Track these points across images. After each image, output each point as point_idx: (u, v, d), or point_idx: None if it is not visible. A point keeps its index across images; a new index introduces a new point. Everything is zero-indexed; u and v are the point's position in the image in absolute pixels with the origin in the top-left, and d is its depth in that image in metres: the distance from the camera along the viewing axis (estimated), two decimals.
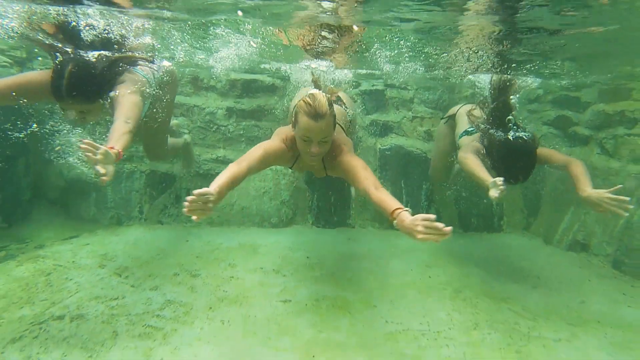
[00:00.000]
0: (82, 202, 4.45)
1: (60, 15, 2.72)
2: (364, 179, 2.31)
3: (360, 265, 3.57)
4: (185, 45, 3.78)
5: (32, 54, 4.30)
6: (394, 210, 2.01)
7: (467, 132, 3.39)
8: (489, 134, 2.99)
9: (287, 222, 4.67)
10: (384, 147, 4.89)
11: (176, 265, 3.37)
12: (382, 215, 4.75)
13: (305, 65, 4.34)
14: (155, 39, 3.40)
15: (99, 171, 1.92)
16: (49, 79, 2.38)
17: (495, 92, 3.11)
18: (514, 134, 2.84)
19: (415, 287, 3.18)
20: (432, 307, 2.87)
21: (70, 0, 2.53)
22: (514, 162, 2.77)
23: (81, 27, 2.82)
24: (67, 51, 2.62)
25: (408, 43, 3.38)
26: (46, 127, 3.37)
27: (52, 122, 3.15)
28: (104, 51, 2.81)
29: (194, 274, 3.22)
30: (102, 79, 2.52)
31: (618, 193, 2.48)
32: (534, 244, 4.52)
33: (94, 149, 1.92)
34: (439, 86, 5.14)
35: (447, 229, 1.71)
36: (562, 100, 4.88)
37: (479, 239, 4.56)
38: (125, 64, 2.75)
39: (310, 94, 2.25)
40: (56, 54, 2.50)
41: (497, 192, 2.40)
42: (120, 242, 3.87)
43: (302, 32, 3.26)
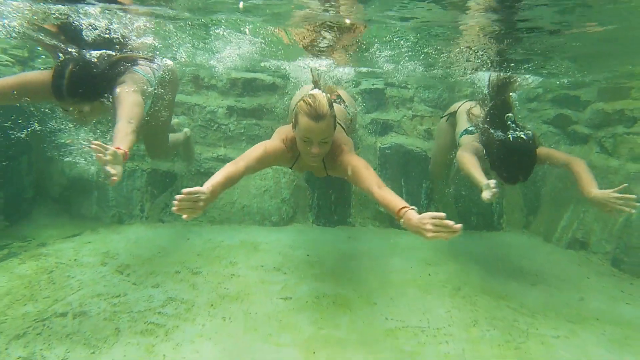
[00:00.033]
0: (83, 201, 4.47)
1: (62, 15, 2.73)
2: (366, 178, 2.30)
3: (360, 263, 3.59)
4: (186, 45, 3.79)
5: (34, 53, 4.32)
6: (400, 209, 2.01)
7: (468, 131, 3.37)
8: (488, 134, 2.98)
9: (288, 220, 4.69)
10: (384, 146, 4.90)
11: (177, 263, 3.39)
12: (382, 214, 4.78)
13: (305, 64, 4.35)
14: (156, 39, 3.41)
15: (109, 172, 1.93)
16: (50, 79, 2.39)
17: (494, 91, 3.08)
18: (513, 133, 2.82)
19: (415, 284, 3.20)
20: (432, 304, 2.89)
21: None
22: (513, 162, 2.76)
23: (83, 27, 2.83)
24: (69, 51, 2.63)
25: (408, 43, 3.39)
26: (47, 126, 3.39)
27: (53, 121, 3.17)
28: (105, 51, 2.83)
29: (195, 271, 3.24)
30: (103, 79, 2.53)
31: (622, 192, 2.48)
32: (533, 242, 4.54)
33: (103, 150, 1.94)
34: (439, 85, 5.15)
35: (457, 226, 1.71)
36: (561, 99, 4.90)
37: (479, 238, 4.57)
38: (125, 63, 2.76)
39: (311, 95, 2.24)
40: (58, 53, 2.51)
41: (490, 195, 2.40)
42: (121, 240, 3.89)
43: (302, 32, 3.27)
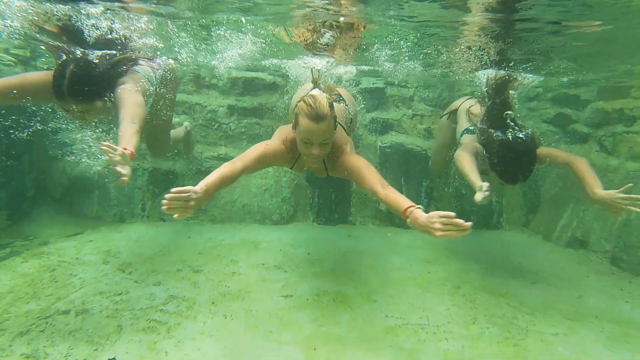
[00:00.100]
0: (85, 200, 4.49)
1: (64, 16, 2.74)
2: (369, 178, 2.28)
3: (360, 261, 3.60)
4: (188, 47, 3.80)
5: (36, 53, 4.34)
6: (406, 208, 2.00)
7: (469, 131, 3.34)
8: (487, 134, 2.96)
9: (288, 219, 4.71)
10: (384, 145, 4.92)
11: (179, 261, 3.41)
12: (382, 213, 4.79)
13: (305, 63, 4.36)
14: (158, 40, 3.42)
15: (120, 172, 1.94)
16: (51, 79, 2.40)
17: (492, 89, 3.05)
18: (512, 133, 2.80)
19: (414, 282, 3.21)
20: (432, 302, 2.91)
21: None
22: (513, 163, 2.73)
23: (84, 28, 2.85)
24: (70, 51, 2.65)
25: (408, 43, 3.40)
26: (49, 126, 3.41)
27: (54, 121, 3.18)
28: (106, 51, 2.84)
29: (197, 269, 3.26)
30: (104, 79, 2.54)
31: (627, 192, 2.47)
32: (533, 240, 4.56)
33: (113, 151, 1.95)
34: (439, 84, 5.16)
35: (467, 224, 1.71)
36: (561, 98, 4.91)
37: (479, 236, 4.58)
38: (126, 64, 2.77)
39: (311, 95, 2.22)
40: (60, 54, 2.53)
41: (481, 197, 2.37)
42: (123, 239, 3.91)
43: (303, 31, 3.28)
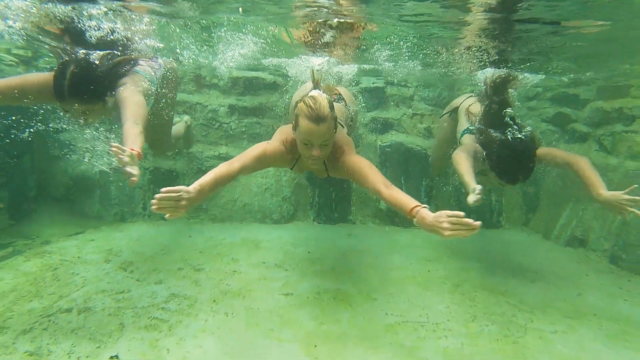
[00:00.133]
0: (86, 199, 4.51)
1: (67, 18, 2.76)
2: (372, 179, 2.27)
3: (360, 259, 3.62)
4: (190, 48, 3.82)
5: (38, 53, 4.36)
6: (412, 208, 1.99)
7: (469, 131, 3.30)
8: (486, 134, 2.93)
9: (289, 218, 4.73)
10: (384, 144, 4.93)
11: (180, 260, 3.43)
12: (382, 212, 4.79)
13: (305, 62, 4.38)
14: (159, 41, 3.43)
15: (131, 172, 1.97)
16: (51, 80, 2.41)
17: (491, 89, 3.02)
18: (512, 133, 2.78)
19: (414, 281, 3.23)
20: (431, 300, 2.92)
21: None
22: (513, 163, 2.71)
23: (86, 29, 2.86)
24: (72, 52, 2.66)
25: (407, 43, 3.41)
26: (50, 126, 3.43)
27: (56, 121, 3.20)
28: (107, 51, 2.85)
29: (198, 268, 3.28)
30: (104, 80, 2.55)
31: (632, 192, 2.47)
32: (532, 239, 4.58)
33: (122, 152, 1.97)
34: (439, 83, 5.18)
35: (476, 224, 1.72)
36: (561, 97, 4.93)
37: (478, 235, 4.50)
38: (127, 64, 2.79)
39: (311, 96, 2.21)
40: (62, 54, 2.54)
41: (473, 200, 2.35)
42: (124, 238, 3.93)
43: (303, 32, 3.30)
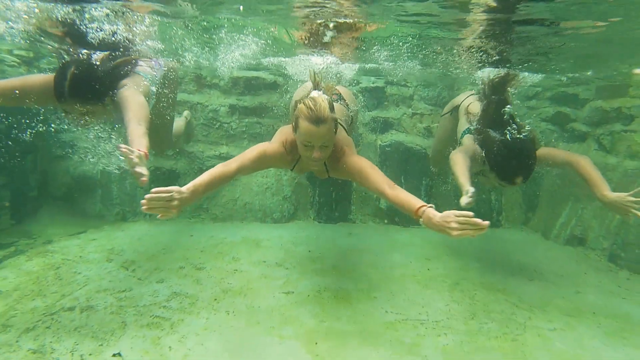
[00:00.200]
0: (88, 199, 4.54)
1: (69, 20, 2.78)
2: (374, 179, 2.26)
3: (360, 258, 3.64)
4: (192, 50, 3.84)
5: (39, 54, 4.38)
6: (418, 208, 1.99)
7: (470, 131, 3.25)
8: (485, 135, 2.88)
9: (289, 217, 4.75)
10: (384, 144, 4.95)
11: (181, 259, 3.45)
12: (383, 211, 4.80)
13: (305, 62, 4.40)
14: (160, 42, 3.45)
15: (141, 173, 1.98)
16: (52, 81, 2.43)
17: (490, 89, 2.98)
18: (510, 133, 2.74)
19: (414, 279, 3.25)
20: (431, 298, 2.94)
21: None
22: (512, 163, 2.67)
23: (88, 31, 2.88)
24: (74, 53, 2.69)
25: (407, 44, 3.43)
26: (52, 126, 3.45)
27: (58, 121, 3.23)
28: (107, 52, 2.88)
29: (199, 267, 3.30)
30: (105, 81, 2.57)
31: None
32: (532, 238, 4.59)
33: (131, 153, 1.99)
34: (439, 83, 5.20)
35: (485, 223, 1.73)
36: (560, 97, 4.94)
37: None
38: (127, 65, 2.81)
39: (311, 98, 2.19)
40: (63, 55, 2.56)
41: (466, 202, 2.32)
42: (126, 237, 3.95)
43: (302, 33, 3.32)
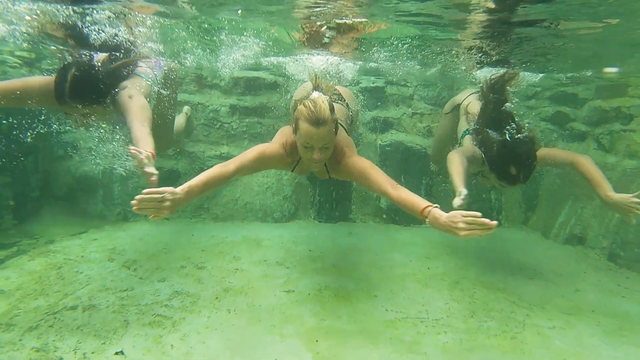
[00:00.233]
0: (89, 199, 4.55)
1: (70, 23, 2.80)
2: (377, 180, 2.25)
3: (361, 257, 3.66)
4: (194, 52, 3.86)
5: (41, 55, 4.40)
6: (424, 208, 1.99)
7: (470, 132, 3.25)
8: (484, 135, 2.87)
9: (290, 217, 4.77)
10: (384, 143, 4.97)
11: (182, 258, 3.46)
12: (383, 210, 4.81)
13: (305, 61, 4.42)
14: (162, 44, 3.47)
15: (152, 172, 2.03)
16: (53, 83, 2.45)
17: (489, 89, 2.97)
18: (509, 133, 2.73)
19: (414, 278, 3.27)
20: (431, 296, 2.96)
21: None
22: (512, 164, 2.66)
23: (90, 33, 2.90)
24: (77, 54, 2.71)
25: (406, 45, 3.45)
26: (53, 127, 3.47)
27: (59, 122, 3.24)
28: (108, 53, 2.90)
29: (200, 266, 3.32)
30: (105, 83, 2.59)
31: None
32: (531, 237, 4.61)
33: (140, 154, 2.03)
34: (439, 83, 5.21)
35: (493, 223, 1.73)
36: (559, 96, 4.96)
37: None
38: (128, 67, 2.82)
39: (311, 99, 2.19)
40: (66, 56, 2.59)
41: (458, 204, 2.33)
42: (127, 237, 3.97)
43: (303, 33, 3.34)
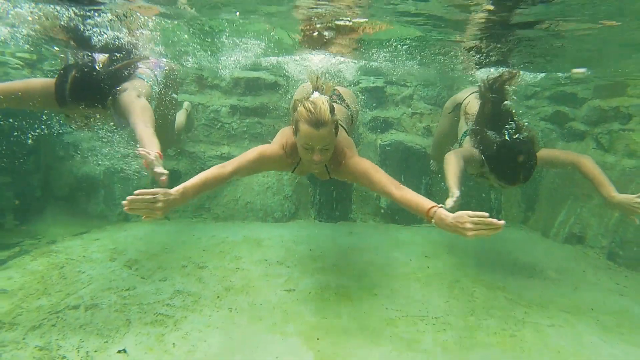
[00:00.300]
0: (90, 199, 4.58)
1: (72, 26, 2.83)
2: (378, 181, 2.25)
3: (361, 256, 3.67)
4: (196, 55, 3.88)
5: (42, 57, 4.42)
6: (430, 208, 2.00)
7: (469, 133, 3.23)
8: (483, 136, 2.85)
9: (290, 216, 4.78)
10: (384, 143, 4.99)
11: (184, 258, 3.48)
12: (383, 210, 4.82)
13: (305, 62, 4.44)
14: (163, 46, 3.49)
15: (162, 172, 2.04)
16: (53, 85, 2.47)
17: (487, 89, 2.95)
18: (508, 133, 2.72)
19: (414, 277, 3.28)
20: (431, 295, 2.98)
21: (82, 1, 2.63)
22: (512, 164, 2.63)
23: (92, 35, 2.93)
24: (79, 55, 2.73)
25: (405, 46, 3.46)
26: (54, 128, 3.49)
27: (60, 123, 3.26)
28: (109, 54, 2.92)
29: (201, 265, 3.33)
30: (106, 84, 2.61)
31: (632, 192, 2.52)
32: (531, 237, 4.62)
33: (148, 155, 2.04)
34: (438, 82, 5.23)
35: (501, 223, 1.74)
36: (559, 96, 4.98)
37: None
38: (128, 68, 2.84)
39: (311, 101, 2.18)
40: (69, 56, 2.61)
41: (451, 205, 2.31)
42: (128, 237, 3.99)
43: (303, 34, 3.36)
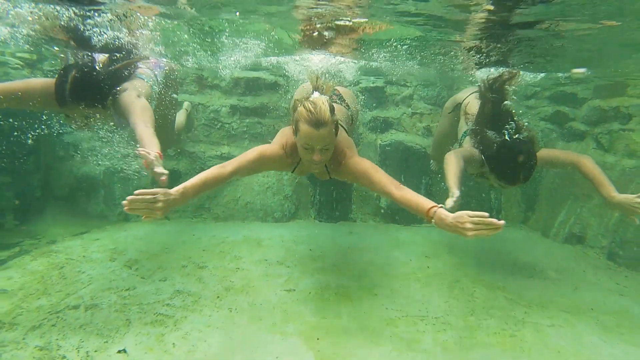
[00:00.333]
0: (90, 199, 4.58)
1: (72, 27, 2.83)
2: (378, 181, 2.25)
3: (361, 256, 3.67)
4: (196, 55, 3.89)
5: (42, 57, 4.42)
6: (430, 209, 2.00)
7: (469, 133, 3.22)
8: (483, 136, 2.85)
9: (290, 216, 4.78)
10: (384, 143, 4.99)
11: (184, 258, 3.48)
12: (383, 210, 4.82)
13: (305, 62, 4.44)
14: (163, 46, 3.49)
15: (162, 172, 2.04)
16: (53, 85, 2.47)
17: (487, 89, 2.95)
18: (508, 132, 2.72)
19: (414, 277, 3.28)
20: (431, 295, 2.98)
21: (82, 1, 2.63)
22: (512, 164, 2.62)
23: (92, 35, 2.93)
24: (79, 55, 2.73)
25: (405, 46, 3.46)
26: (54, 128, 3.49)
27: (61, 123, 3.27)
28: (109, 55, 2.92)
29: (201, 265, 3.33)
30: (106, 84, 2.61)
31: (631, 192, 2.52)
32: (531, 237, 4.62)
33: (149, 155, 2.05)
34: (438, 82, 5.24)
35: (501, 223, 1.74)
36: (559, 96, 4.98)
37: None
38: (128, 68, 2.84)
39: (311, 101, 2.18)
40: (69, 56, 2.61)
41: (450, 205, 2.31)
42: (128, 237, 3.99)
43: (303, 34, 3.36)
